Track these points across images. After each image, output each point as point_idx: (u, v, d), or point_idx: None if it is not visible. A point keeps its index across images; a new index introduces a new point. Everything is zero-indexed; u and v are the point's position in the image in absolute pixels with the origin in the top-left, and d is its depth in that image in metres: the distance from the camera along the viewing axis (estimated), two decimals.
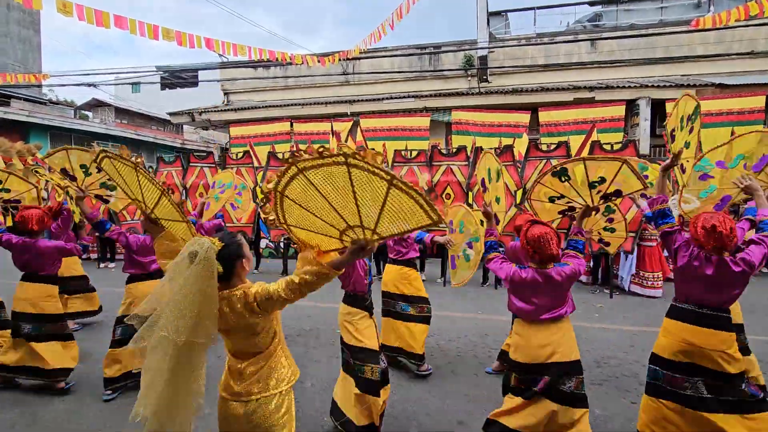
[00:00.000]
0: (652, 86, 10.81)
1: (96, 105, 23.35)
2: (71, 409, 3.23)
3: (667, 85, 10.73)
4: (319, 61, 8.77)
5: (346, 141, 9.34)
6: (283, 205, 1.60)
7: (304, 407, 3.25)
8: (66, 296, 4.79)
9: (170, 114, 15.22)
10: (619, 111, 8.09)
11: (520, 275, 2.40)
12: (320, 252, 1.69)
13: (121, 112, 23.19)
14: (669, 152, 7.17)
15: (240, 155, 8.73)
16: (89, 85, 13.72)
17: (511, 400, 2.41)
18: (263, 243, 9.14)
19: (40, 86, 20.78)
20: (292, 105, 13.45)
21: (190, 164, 8.59)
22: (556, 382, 2.31)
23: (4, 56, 21.49)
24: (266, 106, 13.78)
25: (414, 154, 7.94)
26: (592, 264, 7.29)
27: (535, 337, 2.37)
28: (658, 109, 10.74)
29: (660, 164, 5.77)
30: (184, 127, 22.52)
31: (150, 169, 8.66)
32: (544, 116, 8.49)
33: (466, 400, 3.38)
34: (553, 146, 6.81)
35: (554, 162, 6.56)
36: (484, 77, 13.01)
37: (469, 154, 7.61)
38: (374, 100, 12.78)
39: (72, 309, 4.86)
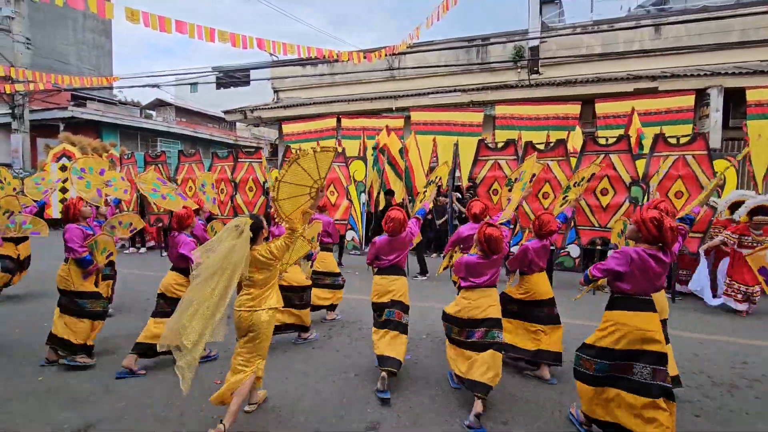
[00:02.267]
0: (726, 74, 9.85)
1: (158, 105, 25.05)
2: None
3: (743, 72, 9.74)
4: (365, 57, 8.85)
5: (401, 138, 9.32)
6: (279, 188, 2.74)
7: (349, 396, 3.32)
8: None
9: (224, 112, 16.02)
10: (688, 101, 7.44)
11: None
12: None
13: (180, 111, 24.73)
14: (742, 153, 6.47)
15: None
16: (153, 86, 14.77)
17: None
18: (349, 235, 8.87)
19: (111, 88, 22.63)
20: (338, 101, 13.67)
21: (239, 160, 8.94)
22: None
23: (80, 62, 23.61)
24: (313, 103, 14.10)
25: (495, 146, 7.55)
26: None
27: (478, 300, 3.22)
28: (733, 98, 9.79)
29: (730, 160, 5.27)
30: (237, 124, 23.62)
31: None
32: (600, 108, 8.00)
33: (510, 400, 3.30)
34: (612, 140, 6.40)
35: (613, 156, 6.21)
36: (535, 69, 12.49)
37: (517, 148, 7.36)
38: (419, 95, 12.68)
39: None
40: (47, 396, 3.33)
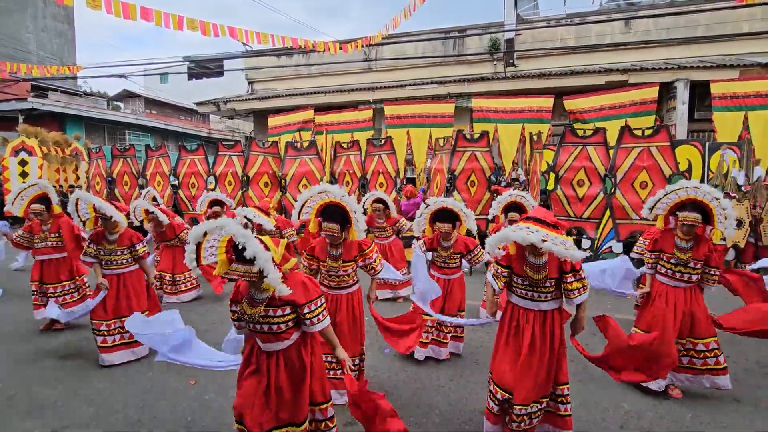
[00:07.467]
0: (691, 67, 10.19)
1: (127, 96, 24.06)
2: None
3: (708, 65, 10.09)
4: (341, 48, 8.70)
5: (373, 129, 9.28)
6: None
7: None
8: None
9: (196, 104, 15.49)
10: (652, 93, 7.67)
11: None
12: None
13: (150, 103, 23.82)
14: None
15: (268, 144, 8.81)
16: (120, 76, 14.11)
17: None
18: None
19: (74, 78, 21.54)
20: (314, 93, 13.44)
21: (219, 153, 8.69)
22: None
23: (42, 50, 22.36)
24: (289, 95, 13.82)
25: (441, 143, 7.80)
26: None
27: None
28: (698, 91, 10.14)
29: (696, 146, 5.35)
30: (211, 116, 22.94)
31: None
32: (569, 104, 8.23)
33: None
34: (589, 132, 6.56)
35: (590, 149, 6.35)
36: (511, 61, 12.60)
37: (491, 140, 7.47)
38: (397, 86, 12.61)
39: None
40: (9, 404, 3.17)
